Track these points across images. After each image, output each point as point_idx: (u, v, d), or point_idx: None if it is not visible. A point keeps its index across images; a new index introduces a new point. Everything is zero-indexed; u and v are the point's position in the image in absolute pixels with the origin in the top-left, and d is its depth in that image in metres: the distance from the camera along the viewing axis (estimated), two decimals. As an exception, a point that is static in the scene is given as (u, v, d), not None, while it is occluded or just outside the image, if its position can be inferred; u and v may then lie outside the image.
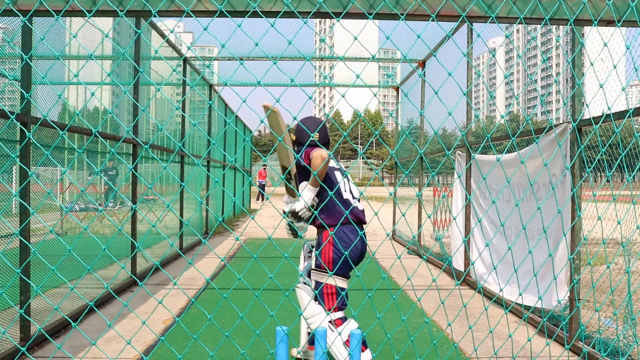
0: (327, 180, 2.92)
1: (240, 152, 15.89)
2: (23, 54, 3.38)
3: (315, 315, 2.83)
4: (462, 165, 6.21)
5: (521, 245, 4.55)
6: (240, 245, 9.25)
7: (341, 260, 2.77)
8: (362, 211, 2.98)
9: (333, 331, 2.71)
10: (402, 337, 3.93)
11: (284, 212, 2.88)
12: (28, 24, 3.30)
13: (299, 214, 2.79)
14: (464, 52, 5.93)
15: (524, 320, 4.35)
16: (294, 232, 2.90)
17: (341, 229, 2.83)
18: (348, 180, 3.01)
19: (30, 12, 1.69)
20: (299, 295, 3.02)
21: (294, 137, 3.11)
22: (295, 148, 3.11)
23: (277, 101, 1.82)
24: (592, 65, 2.13)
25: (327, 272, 2.79)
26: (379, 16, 1.79)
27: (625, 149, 2.68)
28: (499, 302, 4.94)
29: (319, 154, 2.69)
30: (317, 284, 2.86)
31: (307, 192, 2.78)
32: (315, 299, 2.87)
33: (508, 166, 4.81)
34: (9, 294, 3.62)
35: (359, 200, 2.96)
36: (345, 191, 2.96)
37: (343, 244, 2.80)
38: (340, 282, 2.84)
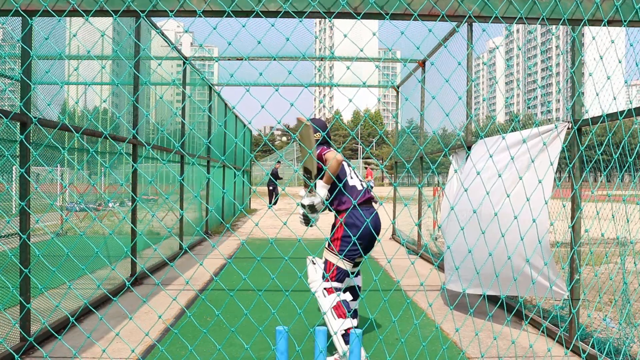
0: (339, 173, 3.34)
1: (240, 152, 15.89)
2: (28, 49, 3.38)
3: (313, 281, 3.28)
4: (458, 162, 6.01)
5: (496, 237, 4.40)
6: (239, 245, 9.26)
7: (350, 245, 3.18)
8: (368, 191, 3.42)
9: (325, 297, 3.14)
10: (402, 337, 3.93)
11: (303, 205, 3.30)
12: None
13: (316, 207, 3.26)
14: (472, 47, 5.92)
15: (514, 317, 4.35)
16: (307, 221, 3.35)
17: (353, 212, 3.24)
18: (353, 169, 3.50)
19: (39, 13, 1.69)
20: (307, 264, 3.39)
21: (318, 136, 3.46)
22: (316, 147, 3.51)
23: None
24: (601, 55, 2.13)
25: (335, 254, 3.22)
26: (379, 16, 1.79)
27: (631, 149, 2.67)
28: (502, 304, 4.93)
29: (334, 157, 3.13)
30: (326, 259, 3.29)
31: (322, 189, 3.23)
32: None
33: (501, 150, 4.62)
34: (8, 295, 3.62)
35: (363, 186, 3.40)
36: (352, 178, 3.41)
37: (354, 229, 3.20)
38: (343, 264, 3.22)
